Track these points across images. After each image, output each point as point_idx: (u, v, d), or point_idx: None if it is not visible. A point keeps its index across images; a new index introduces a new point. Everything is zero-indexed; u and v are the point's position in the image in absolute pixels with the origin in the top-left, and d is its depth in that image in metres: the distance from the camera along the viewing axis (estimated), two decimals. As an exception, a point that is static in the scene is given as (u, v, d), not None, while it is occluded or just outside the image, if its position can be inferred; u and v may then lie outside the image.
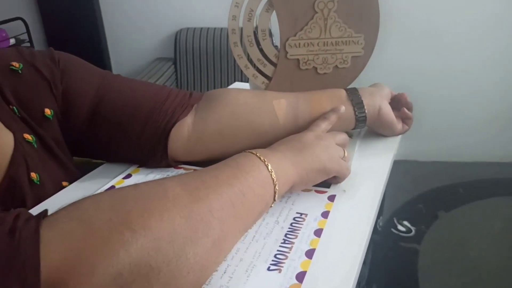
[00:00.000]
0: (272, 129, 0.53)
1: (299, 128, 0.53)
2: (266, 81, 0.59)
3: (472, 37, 1.73)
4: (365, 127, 0.58)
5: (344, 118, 0.54)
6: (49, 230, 0.26)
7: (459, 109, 1.85)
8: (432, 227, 1.52)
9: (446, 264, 1.35)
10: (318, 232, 0.41)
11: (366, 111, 0.54)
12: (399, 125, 0.58)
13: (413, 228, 1.51)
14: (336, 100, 0.55)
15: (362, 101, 0.54)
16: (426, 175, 1.86)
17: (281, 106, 0.53)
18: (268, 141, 0.51)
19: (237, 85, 0.91)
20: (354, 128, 0.57)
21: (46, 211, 0.29)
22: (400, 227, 1.52)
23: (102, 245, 0.26)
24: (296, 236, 0.41)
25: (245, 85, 0.71)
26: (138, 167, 0.55)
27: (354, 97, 0.55)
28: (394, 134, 0.59)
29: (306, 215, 0.44)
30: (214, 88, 1.91)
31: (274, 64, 0.58)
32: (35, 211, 0.47)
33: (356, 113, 0.54)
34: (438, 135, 1.89)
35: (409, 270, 1.33)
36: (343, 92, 0.56)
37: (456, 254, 1.38)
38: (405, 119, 0.59)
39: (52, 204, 0.48)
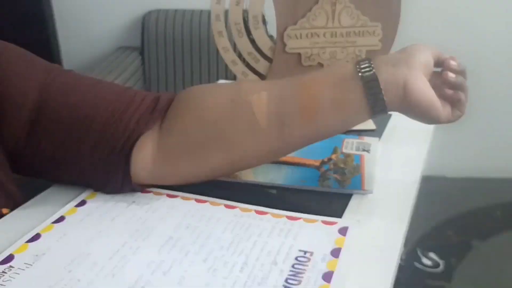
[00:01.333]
0: (252, 137, 0.50)
1: (287, 130, 0.49)
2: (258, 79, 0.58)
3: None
4: (387, 114, 0.50)
5: (351, 105, 0.48)
6: None
7: (496, 115, 1.87)
8: (465, 260, 1.53)
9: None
10: (327, 277, 0.40)
11: (383, 91, 0.47)
12: (444, 109, 0.49)
13: (441, 262, 1.53)
14: (339, 83, 0.49)
15: (377, 78, 0.47)
16: (456, 195, 1.88)
17: (261, 103, 0.49)
18: (248, 152, 0.50)
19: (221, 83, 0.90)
20: (372, 117, 0.50)
21: None
22: (425, 261, 1.53)
23: None
24: (300, 282, 0.40)
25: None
26: (94, 191, 0.53)
27: (366, 73, 0.47)
28: (435, 121, 0.50)
29: (311, 253, 0.43)
30: (192, 85, 1.90)
31: (269, 60, 0.57)
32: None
33: (369, 96, 0.48)
34: (471, 145, 1.90)
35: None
36: (348, 68, 0.48)
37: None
38: (454, 100, 0.50)
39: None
